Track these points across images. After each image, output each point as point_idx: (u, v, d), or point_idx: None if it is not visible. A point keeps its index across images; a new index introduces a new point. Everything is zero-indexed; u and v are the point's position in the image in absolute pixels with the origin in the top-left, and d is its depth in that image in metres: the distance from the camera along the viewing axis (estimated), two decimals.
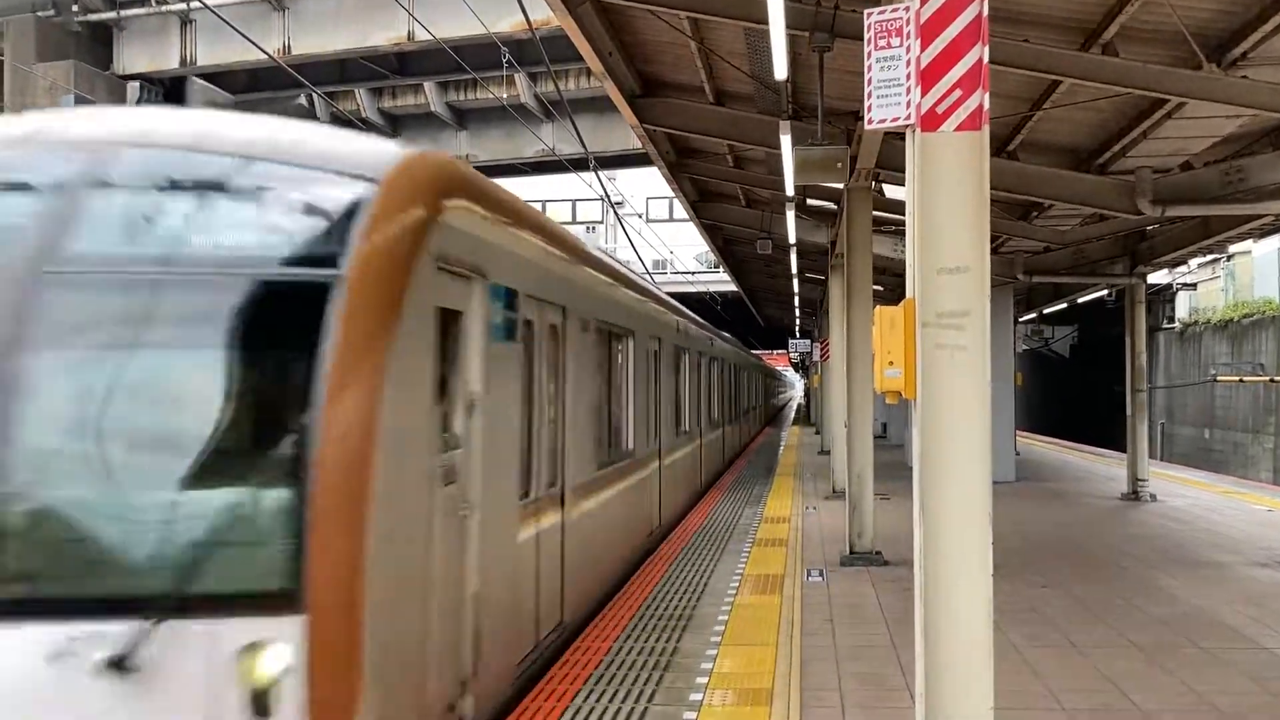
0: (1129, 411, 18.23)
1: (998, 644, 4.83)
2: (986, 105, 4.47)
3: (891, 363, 4.56)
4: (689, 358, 16.67)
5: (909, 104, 4.61)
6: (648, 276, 23.55)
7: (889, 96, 4.76)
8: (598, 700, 6.45)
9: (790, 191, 13.79)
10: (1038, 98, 11.11)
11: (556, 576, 7.65)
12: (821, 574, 10.86)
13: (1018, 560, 11.56)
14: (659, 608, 9.06)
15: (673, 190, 18.54)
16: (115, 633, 3.89)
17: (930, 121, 4.47)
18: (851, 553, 11.71)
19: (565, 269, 8.21)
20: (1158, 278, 19.00)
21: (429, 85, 29.05)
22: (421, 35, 23.68)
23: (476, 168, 6.56)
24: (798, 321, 43.36)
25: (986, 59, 4.45)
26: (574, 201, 54.28)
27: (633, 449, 11.39)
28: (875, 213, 13.29)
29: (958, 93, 4.45)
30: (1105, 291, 22.27)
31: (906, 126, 4.64)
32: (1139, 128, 11.33)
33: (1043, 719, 6.23)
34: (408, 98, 29.36)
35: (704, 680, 6.88)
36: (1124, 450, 18.96)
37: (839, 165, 10.45)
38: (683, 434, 15.91)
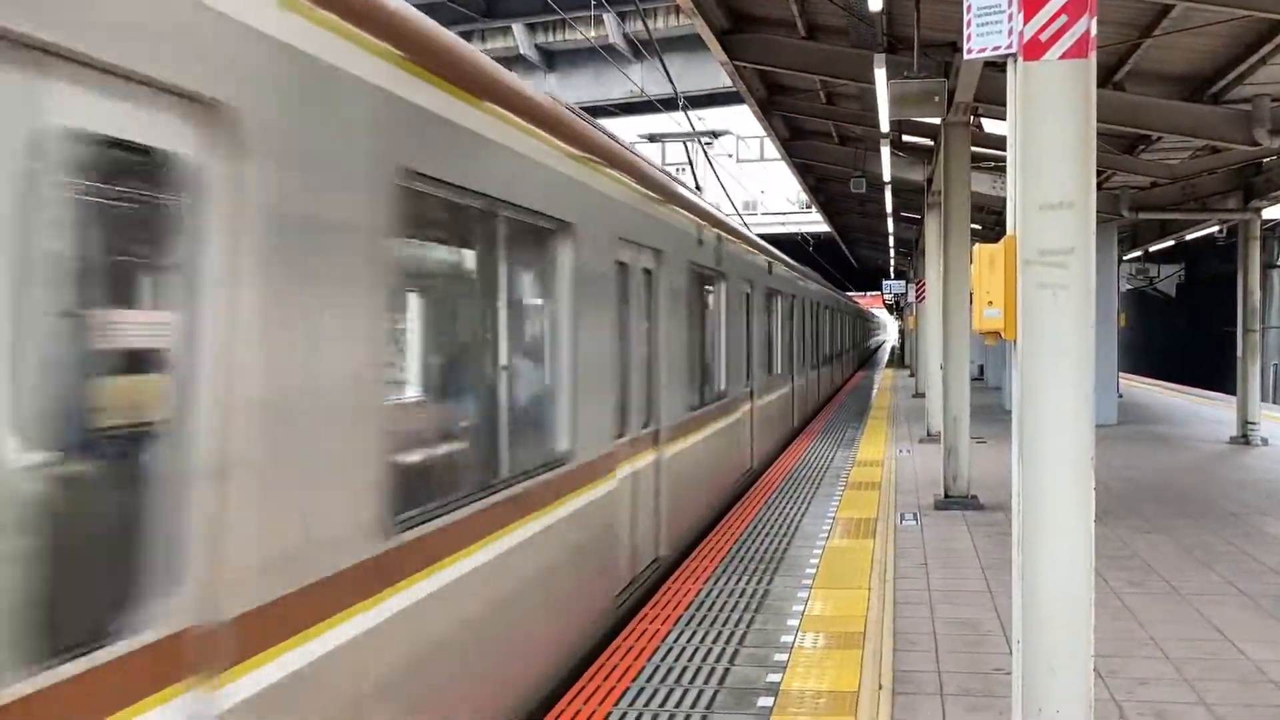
0: (1240, 352, 17.58)
1: (1099, 590, 4.71)
2: (1094, 31, 4.25)
3: (991, 302, 4.41)
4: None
5: (1010, 31, 4.40)
6: (737, 217, 23.36)
7: (989, 24, 4.55)
8: (689, 640, 6.47)
9: (885, 128, 13.44)
10: (1147, 24, 10.60)
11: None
12: (915, 518, 10.74)
13: (1120, 505, 11.28)
14: (750, 549, 9.05)
15: (764, 129, 18.25)
16: None
17: (1033, 50, 4.27)
18: (946, 497, 11.55)
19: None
20: (1273, 213, 18.13)
21: (517, 27, 29.00)
22: None
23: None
24: (892, 262, 42.65)
25: None
26: (663, 141, 53.89)
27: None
28: (974, 148, 12.90)
29: (1063, 18, 4.23)
30: (1216, 228, 21.34)
31: (1008, 56, 4.44)
32: (1257, 53, 10.74)
33: (1146, 668, 6.08)
34: (496, 40, 29.35)
35: (795, 622, 6.87)
36: (1233, 393, 18.33)
37: (936, 99, 10.16)
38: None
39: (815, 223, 43.07)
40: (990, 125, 15.07)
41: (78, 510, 2.63)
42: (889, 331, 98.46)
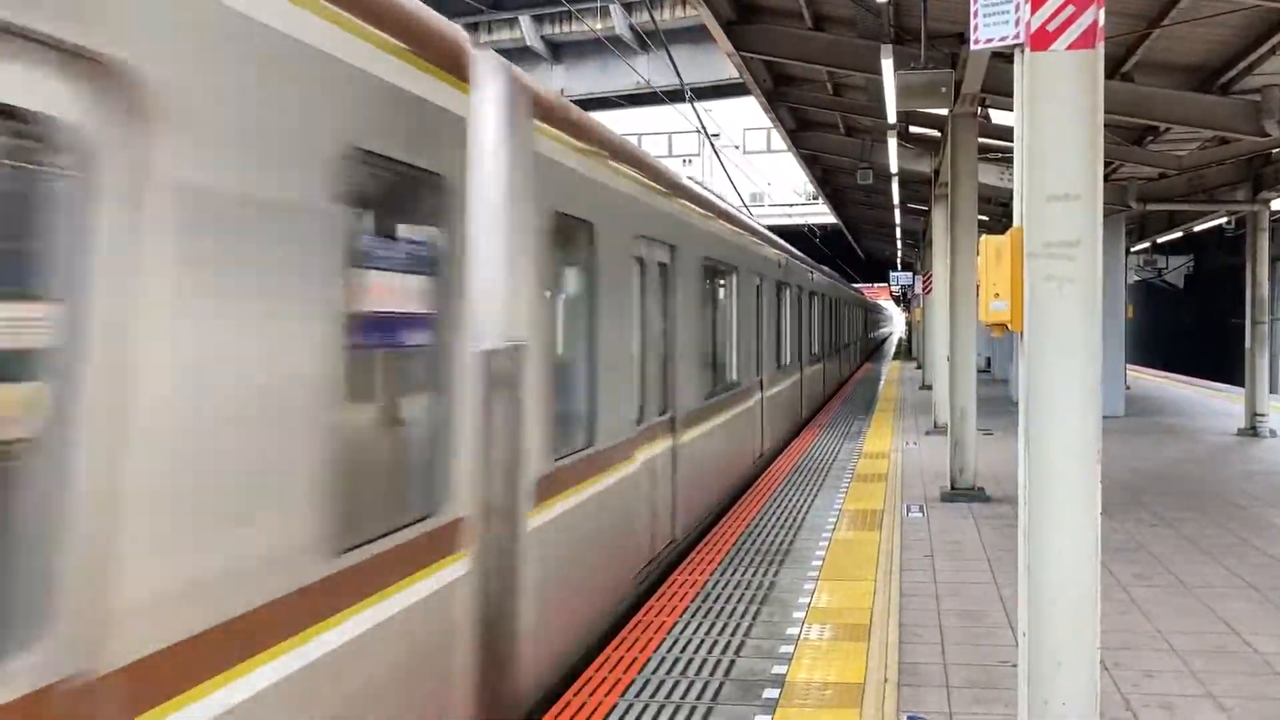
0: (1248, 344, 17.53)
1: (1105, 583, 4.71)
2: (1101, 22, 4.23)
3: (997, 294, 4.40)
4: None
5: (1018, 21, 4.39)
6: (744, 210, 23.34)
7: (996, 15, 4.53)
8: (695, 632, 6.48)
9: (892, 119, 13.39)
10: (1156, 15, 10.54)
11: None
12: (922, 510, 10.73)
13: (1127, 497, 11.26)
14: (756, 541, 9.06)
15: (770, 120, 18.20)
16: None
17: (1040, 40, 4.25)
18: (953, 489, 11.53)
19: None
20: None
21: (524, 19, 28.97)
22: None
23: (571, 102, 6.80)
24: (899, 254, 42.55)
25: None
26: (669, 135, 53.85)
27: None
28: (981, 139, 12.86)
29: (1070, 9, 4.21)
30: (1224, 219, 21.28)
31: (1015, 46, 4.42)
32: (1266, 44, 10.68)
33: (1153, 660, 6.07)
34: (503, 32, 29.34)
35: (801, 614, 6.87)
36: (1241, 384, 18.27)
37: (943, 90, 10.11)
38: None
39: (822, 214, 43.02)
40: (998, 116, 15.01)
41: None
42: (896, 323, 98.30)
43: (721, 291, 11.35)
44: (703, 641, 6.31)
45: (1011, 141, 4.54)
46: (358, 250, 3.72)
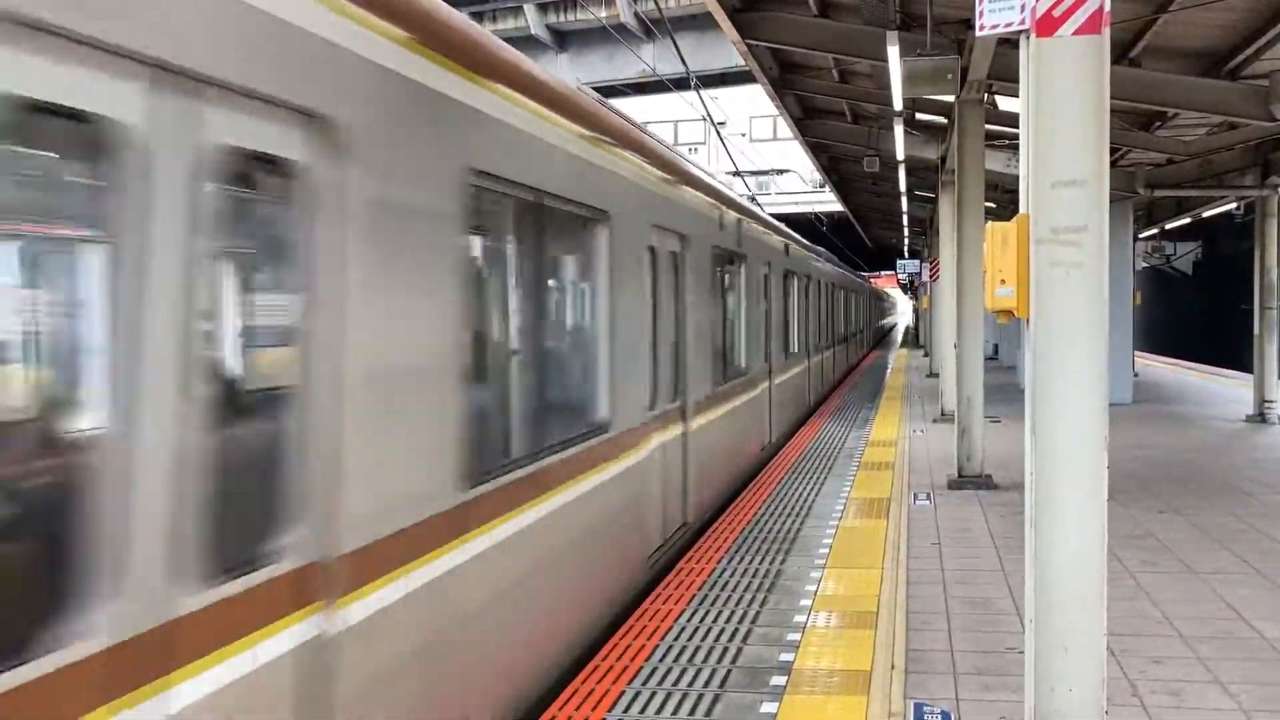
0: (1257, 330, 17.49)
1: (1113, 569, 4.70)
2: (1108, 7, 4.21)
3: (1003, 281, 4.39)
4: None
5: (1023, 7, 4.36)
6: (752, 199, 23.33)
7: (1002, 0, 4.51)
8: (702, 620, 6.49)
9: (898, 106, 13.35)
10: (1163, 0, 10.50)
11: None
12: (929, 497, 10.73)
13: (1134, 485, 11.25)
14: (764, 528, 9.07)
15: (776, 107, 18.15)
16: None
17: (1046, 25, 4.23)
18: (960, 476, 11.53)
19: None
20: None
21: (529, 7, 28.90)
22: None
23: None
24: (906, 241, 42.45)
25: None
26: (675, 123, 53.73)
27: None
28: (987, 126, 12.82)
29: None
30: (1233, 205, 21.16)
31: (1021, 32, 4.40)
32: (1275, 28, 10.63)
33: (1160, 646, 6.07)
34: (507, 21, 29.27)
35: (808, 602, 6.88)
36: (1249, 371, 18.22)
37: (949, 77, 10.08)
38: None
39: (829, 202, 42.90)
40: (1004, 103, 14.95)
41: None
42: (903, 311, 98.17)
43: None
44: (710, 629, 6.33)
45: (1018, 128, 4.52)
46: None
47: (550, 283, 6.03)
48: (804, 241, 19.21)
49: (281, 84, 3.13)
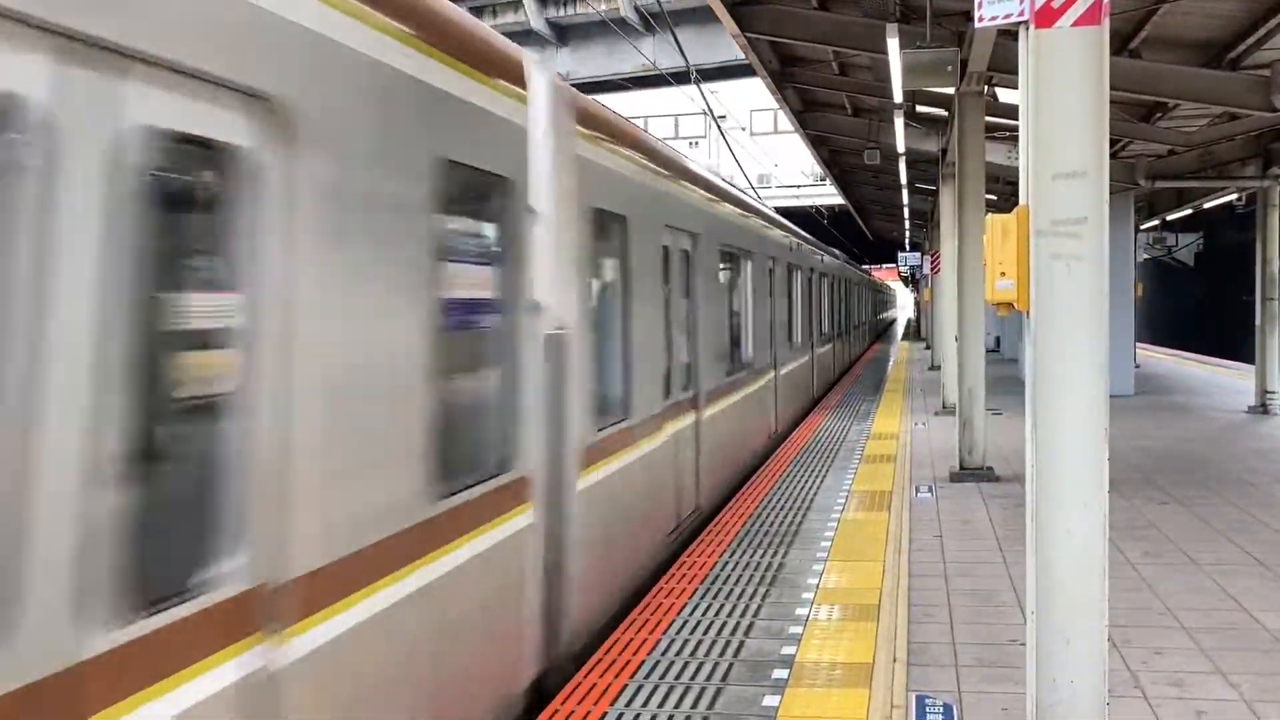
0: (1258, 321, 17.46)
1: (1114, 561, 4.71)
2: None
3: (1003, 273, 4.38)
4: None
5: None
6: (753, 192, 23.35)
7: None
8: (704, 614, 6.50)
9: (898, 98, 13.33)
10: None
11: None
12: (930, 490, 10.73)
13: (1136, 476, 11.25)
14: (766, 522, 9.07)
15: (776, 101, 18.13)
16: None
17: (1045, 16, 4.22)
18: (962, 468, 11.53)
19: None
20: None
21: (528, 1, 28.83)
22: None
23: (576, 84, 7.24)
24: (907, 234, 42.41)
25: None
26: (676, 117, 53.68)
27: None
28: (988, 118, 12.80)
29: None
30: (1234, 195, 21.13)
31: (1020, 23, 4.39)
32: (1276, 18, 10.60)
33: (1162, 638, 6.08)
34: (507, 15, 29.19)
35: (810, 595, 6.88)
36: (1252, 362, 18.21)
37: (949, 69, 10.06)
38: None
39: (830, 195, 42.88)
40: (1005, 95, 14.93)
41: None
42: (904, 304, 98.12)
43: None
44: (712, 623, 6.33)
45: (1019, 120, 4.51)
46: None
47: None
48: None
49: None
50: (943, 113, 16.87)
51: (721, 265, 10.54)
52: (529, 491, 5.17)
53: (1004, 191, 22.30)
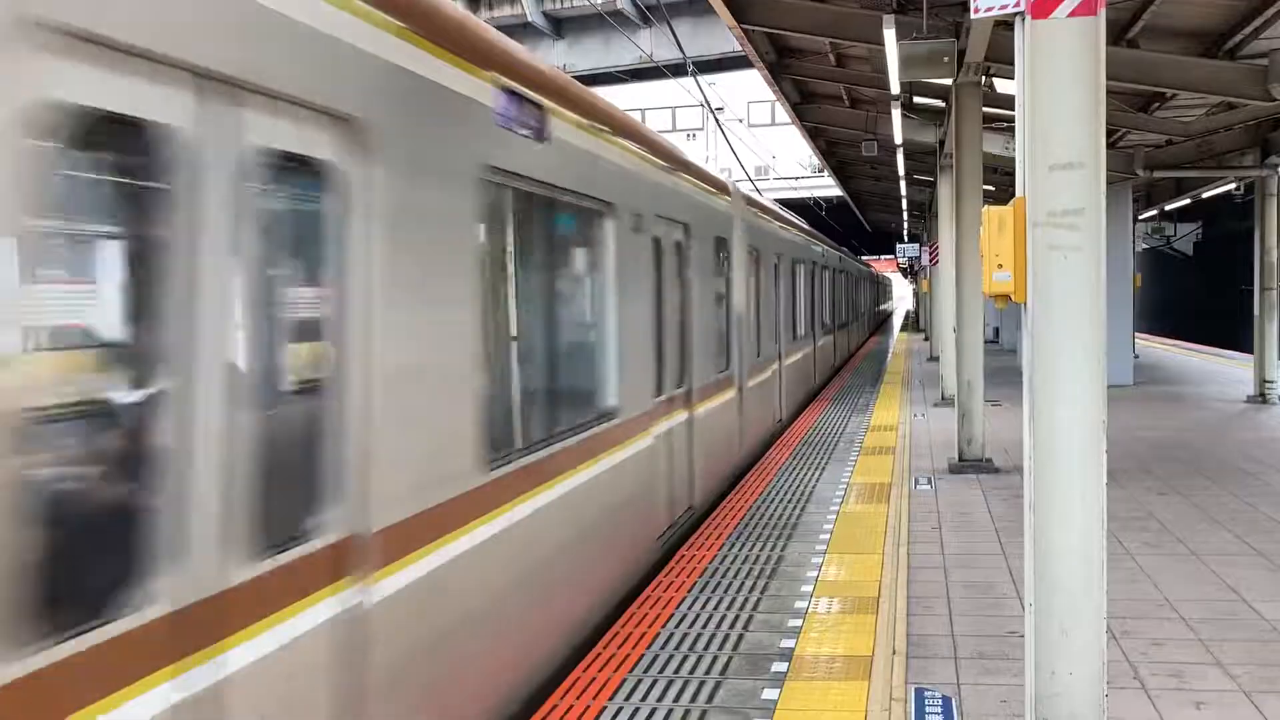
0: (1257, 311, 17.46)
1: (1113, 552, 4.70)
2: None
3: (1000, 265, 4.37)
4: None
5: None
6: (748, 182, 23.31)
7: None
8: (703, 607, 6.50)
9: (895, 90, 13.30)
10: None
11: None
12: (930, 482, 10.73)
13: (1135, 466, 11.25)
14: (765, 515, 9.07)
15: (773, 93, 18.10)
16: None
17: (1042, 7, 4.20)
18: (961, 460, 11.53)
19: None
20: None
21: None
22: None
23: (573, 77, 7.18)
24: (905, 226, 42.38)
25: None
26: (673, 109, 53.59)
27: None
28: (985, 109, 12.76)
29: None
30: (1233, 185, 21.10)
31: (1016, 14, 4.37)
32: (1273, 6, 10.57)
33: (1161, 629, 6.08)
34: (504, 8, 29.12)
35: (809, 588, 6.88)
36: (1250, 351, 18.21)
37: (945, 59, 10.05)
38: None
39: (828, 187, 42.83)
40: (1002, 85, 14.90)
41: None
42: (903, 295, 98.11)
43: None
44: (711, 616, 6.33)
45: (1015, 111, 4.50)
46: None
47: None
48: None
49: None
50: (940, 104, 16.84)
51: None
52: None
53: (1002, 183, 22.28)
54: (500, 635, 4.79)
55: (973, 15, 4.61)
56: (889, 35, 10.69)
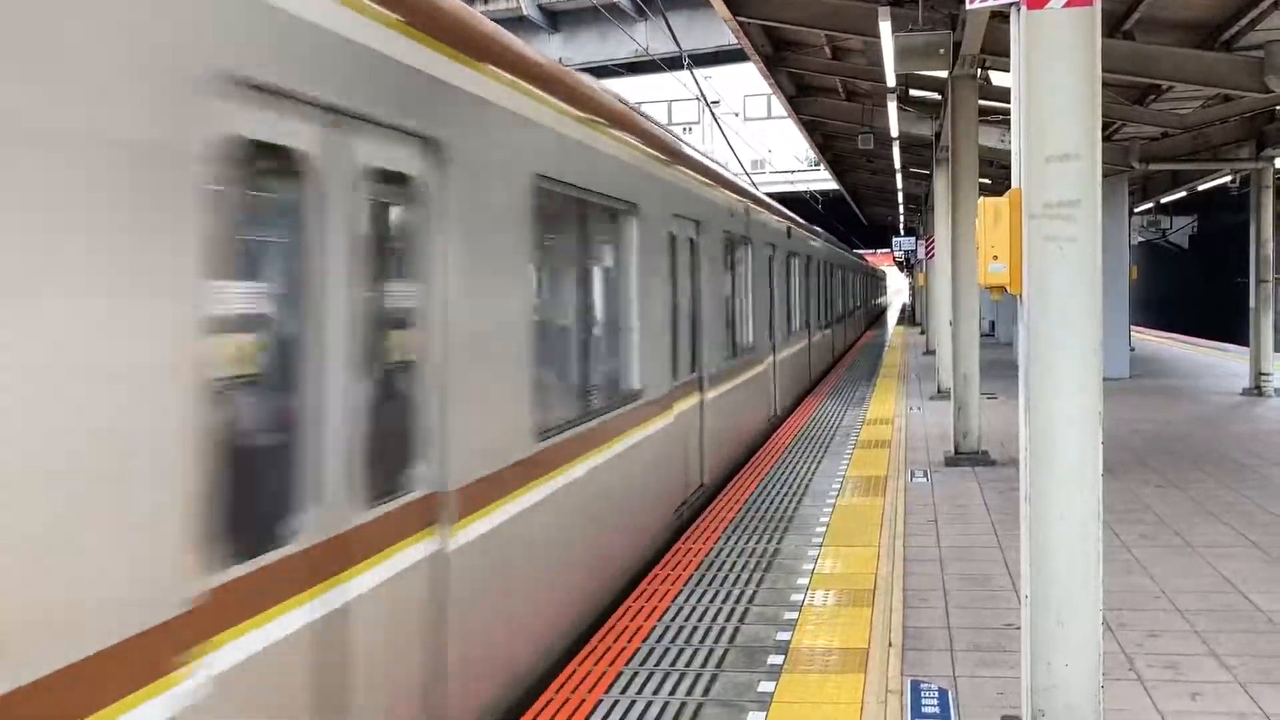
0: (1253, 303, 17.48)
1: (1109, 544, 4.70)
2: None
3: (996, 257, 4.36)
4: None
5: None
6: (745, 177, 23.27)
7: None
8: (699, 600, 6.50)
9: (891, 82, 13.29)
10: None
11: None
12: (926, 475, 10.73)
13: (1131, 459, 11.26)
14: (761, 507, 9.07)
15: (769, 86, 18.08)
16: None
17: None
18: (957, 453, 11.53)
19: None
20: None
21: None
22: None
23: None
24: (901, 219, 42.38)
25: None
26: (669, 103, 53.51)
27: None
28: (981, 101, 12.77)
29: None
30: (1229, 177, 21.14)
31: (1012, 5, 4.36)
32: None
33: (1156, 620, 6.08)
34: (499, 1, 29.06)
35: (805, 581, 6.88)
36: (1246, 344, 18.23)
37: (941, 52, 10.04)
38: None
39: (824, 180, 42.79)
40: (998, 78, 14.89)
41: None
42: (899, 289, 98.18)
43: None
44: (707, 609, 6.33)
45: (1011, 103, 4.49)
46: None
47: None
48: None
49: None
50: (936, 96, 16.83)
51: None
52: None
53: (998, 175, 22.25)
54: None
55: (968, 7, 4.61)
56: (885, 28, 10.67)
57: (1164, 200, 26.08)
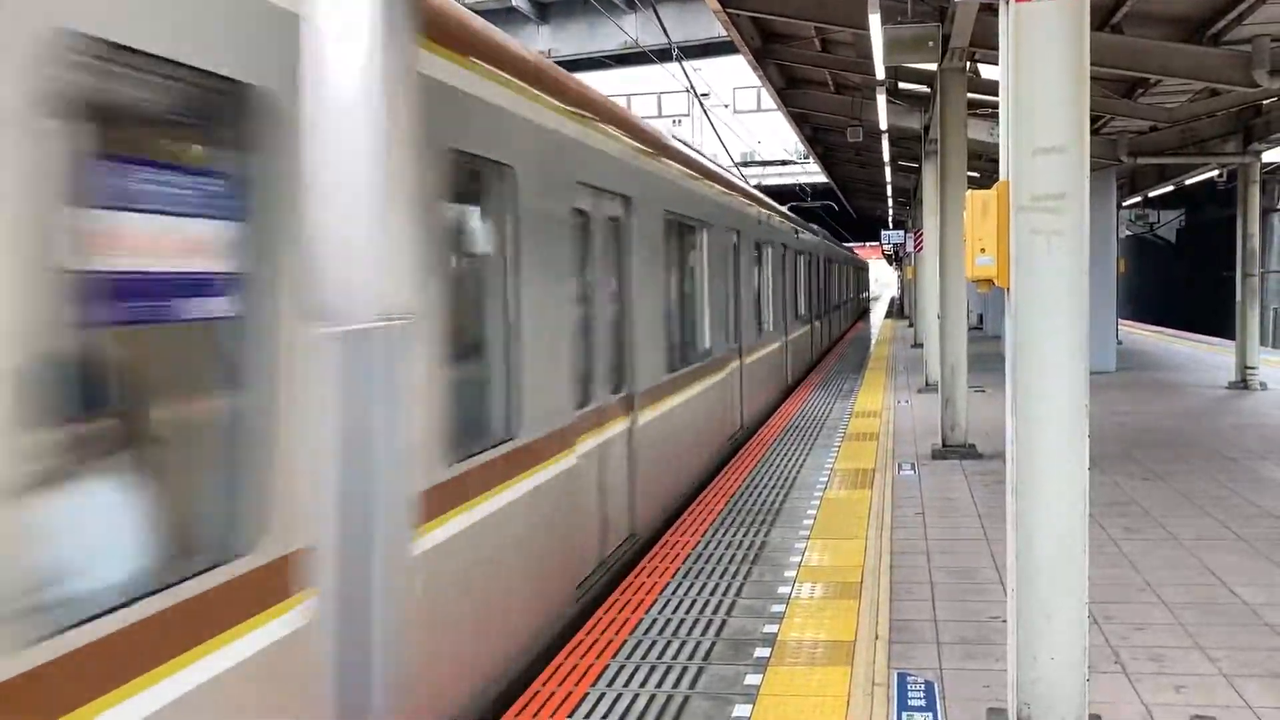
0: (1239, 297, 17.53)
1: (1095, 537, 4.71)
2: None
3: (983, 250, 4.35)
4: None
5: None
6: (735, 169, 23.19)
7: None
8: (686, 593, 6.49)
9: (880, 75, 13.26)
10: None
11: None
12: (913, 468, 10.75)
13: (1117, 452, 11.28)
14: (747, 501, 9.07)
15: (758, 78, 18.04)
16: None
17: None
18: (944, 446, 11.55)
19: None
20: (1273, 155, 17.98)
21: None
22: None
23: (558, 62, 7.61)
24: (890, 212, 42.40)
25: None
26: (659, 95, 53.39)
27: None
28: (970, 95, 12.76)
29: None
30: (1216, 172, 21.17)
31: None
32: None
33: (1142, 613, 6.10)
34: None
35: (792, 574, 6.88)
36: (1233, 338, 18.30)
37: (930, 44, 10.03)
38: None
39: (813, 173, 42.78)
40: (987, 71, 14.88)
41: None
42: (888, 282, 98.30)
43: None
44: (694, 602, 6.33)
45: (999, 96, 4.48)
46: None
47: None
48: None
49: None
50: (925, 89, 16.81)
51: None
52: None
53: (986, 169, 22.29)
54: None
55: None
56: (874, 20, 10.64)
57: (1152, 194, 26.15)
